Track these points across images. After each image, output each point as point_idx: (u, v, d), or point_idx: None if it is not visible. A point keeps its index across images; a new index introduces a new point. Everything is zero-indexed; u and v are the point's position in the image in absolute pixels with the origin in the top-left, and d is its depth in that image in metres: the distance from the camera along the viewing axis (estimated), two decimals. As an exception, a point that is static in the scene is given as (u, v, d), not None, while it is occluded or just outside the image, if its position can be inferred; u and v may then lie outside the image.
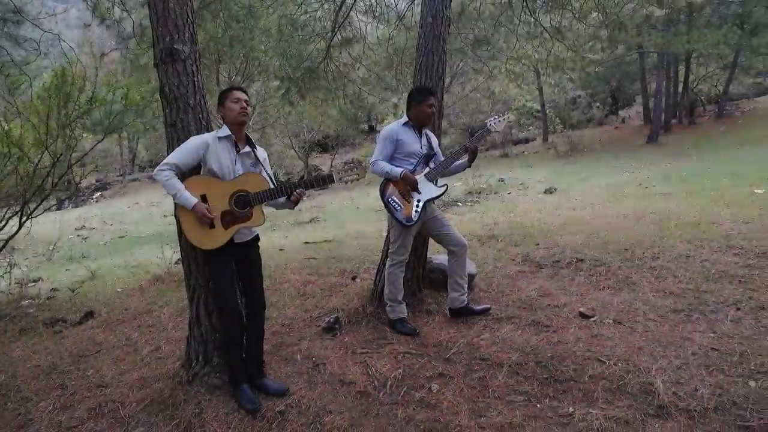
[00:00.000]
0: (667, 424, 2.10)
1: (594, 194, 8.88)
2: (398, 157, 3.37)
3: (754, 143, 12.63)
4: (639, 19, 6.72)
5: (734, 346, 2.67)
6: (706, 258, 4.15)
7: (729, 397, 2.23)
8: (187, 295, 2.89)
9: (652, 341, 2.83)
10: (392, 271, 3.41)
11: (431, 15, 3.80)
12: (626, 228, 5.58)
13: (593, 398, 2.34)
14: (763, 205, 5.87)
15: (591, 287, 3.90)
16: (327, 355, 3.05)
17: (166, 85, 2.71)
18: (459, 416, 2.30)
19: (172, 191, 2.46)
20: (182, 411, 2.53)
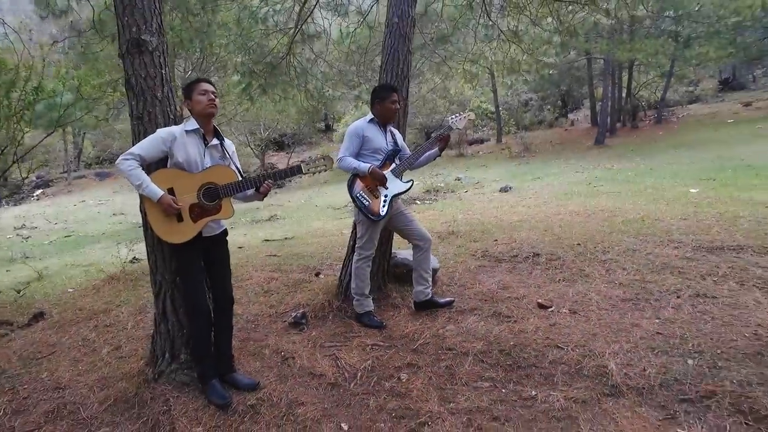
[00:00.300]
0: (619, 401, 2.27)
1: (547, 193, 9.26)
2: (365, 153, 3.43)
3: (688, 147, 13.54)
4: (588, 26, 7.07)
5: (675, 330, 2.90)
6: (650, 251, 4.45)
7: (671, 374, 2.43)
8: (152, 292, 2.83)
9: (604, 328, 3.03)
10: (359, 265, 3.47)
11: (397, 15, 3.87)
12: (578, 224, 5.88)
13: (553, 381, 2.49)
14: (697, 203, 6.34)
15: (547, 280, 4.10)
16: (295, 349, 3.07)
17: (133, 76, 2.64)
18: (429, 403, 2.39)
19: (136, 182, 2.40)
20: (149, 409, 2.48)
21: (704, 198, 6.57)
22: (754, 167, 8.91)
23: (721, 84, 27.94)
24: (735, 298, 3.30)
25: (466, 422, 2.21)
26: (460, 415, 2.27)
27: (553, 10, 6.21)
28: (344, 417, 2.34)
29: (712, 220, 5.24)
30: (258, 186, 2.62)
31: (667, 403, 2.23)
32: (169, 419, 2.40)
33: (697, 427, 2.05)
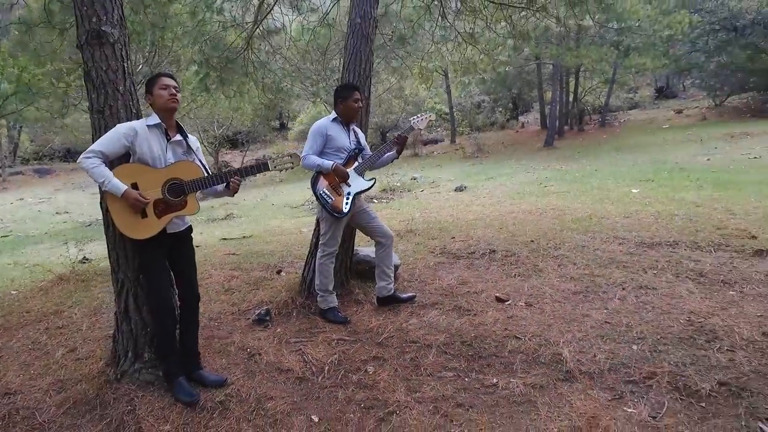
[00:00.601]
0: (573, 385, 2.44)
1: (500, 192, 9.59)
2: (328, 151, 3.48)
3: (629, 150, 14.38)
4: (539, 31, 7.39)
5: (621, 319, 3.13)
6: (597, 247, 4.74)
7: (619, 359, 2.64)
8: (113, 290, 2.76)
9: (558, 319, 3.23)
10: (323, 262, 3.51)
11: (359, 16, 3.93)
12: (531, 222, 6.15)
13: (513, 369, 2.64)
14: (638, 202, 6.79)
15: (504, 275, 4.29)
16: (261, 345, 3.07)
17: (93, 68, 2.57)
18: (396, 393, 2.47)
19: (99, 179, 2.35)
20: (112, 410, 2.43)
21: (644, 198, 7.04)
22: (686, 170, 9.60)
23: (657, 92, 29.77)
24: (671, 288, 3.59)
25: (432, 410, 2.31)
26: (426, 404, 2.37)
27: (507, 15, 6.47)
28: (314, 409, 2.38)
29: (651, 219, 5.64)
30: (227, 181, 2.61)
31: (615, 385, 2.42)
32: (134, 419, 2.36)
33: (641, 405, 2.24)
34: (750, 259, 4.05)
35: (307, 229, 7.35)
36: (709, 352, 2.64)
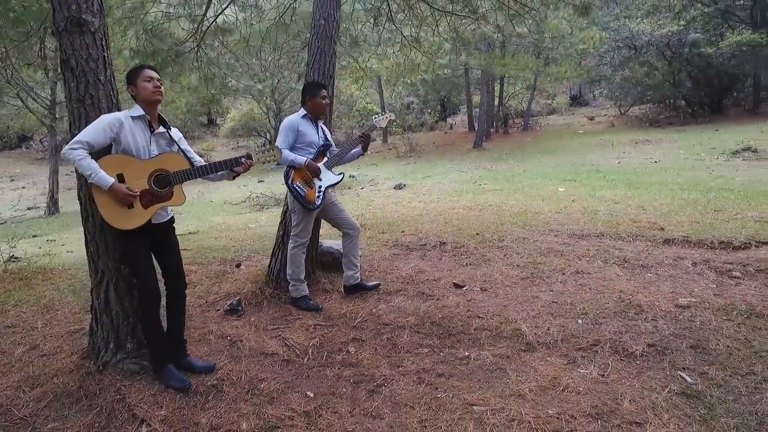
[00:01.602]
0: (534, 354, 2.80)
1: (438, 190, 10.07)
2: (299, 147, 3.61)
3: (551, 152, 15.58)
4: (478, 38, 7.93)
5: (566, 299, 3.57)
6: (536, 239, 5.25)
7: (568, 331, 3.04)
8: (91, 282, 2.72)
9: (512, 300, 3.61)
10: (295, 252, 3.64)
11: (323, 17, 4.08)
12: (473, 217, 6.61)
13: (481, 343, 2.96)
14: (565, 199, 7.50)
15: (456, 264, 4.64)
16: (240, 333, 3.16)
17: (72, 56, 2.53)
18: (380, 369, 2.69)
19: (87, 171, 2.33)
20: (100, 399, 2.43)
21: (570, 195, 7.78)
22: (602, 171, 10.66)
23: (571, 99, 32.31)
24: (602, 272, 4.12)
25: (416, 380, 2.56)
26: (410, 376, 2.61)
27: (450, 22, 6.90)
28: (307, 387, 2.54)
29: (578, 214, 6.29)
30: (210, 173, 2.67)
31: (568, 352, 2.81)
32: (126, 406, 2.38)
33: (591, 366, 2.63)
34: (660, 247, 4.71)
35: (255, 225, 7.33)
36: (637, 321, 3.12)
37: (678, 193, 7.16)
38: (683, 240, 4.79)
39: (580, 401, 2.29)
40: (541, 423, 2.13)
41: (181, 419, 2.29)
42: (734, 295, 3.47)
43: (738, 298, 3.39)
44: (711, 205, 6.10)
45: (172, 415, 2.32)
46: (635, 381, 2.46)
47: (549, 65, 19.40)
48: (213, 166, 2.66)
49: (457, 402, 2.33)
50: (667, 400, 2.27)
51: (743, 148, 11.04)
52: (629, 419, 2.14)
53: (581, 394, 2.36)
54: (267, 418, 2.27)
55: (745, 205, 6.04)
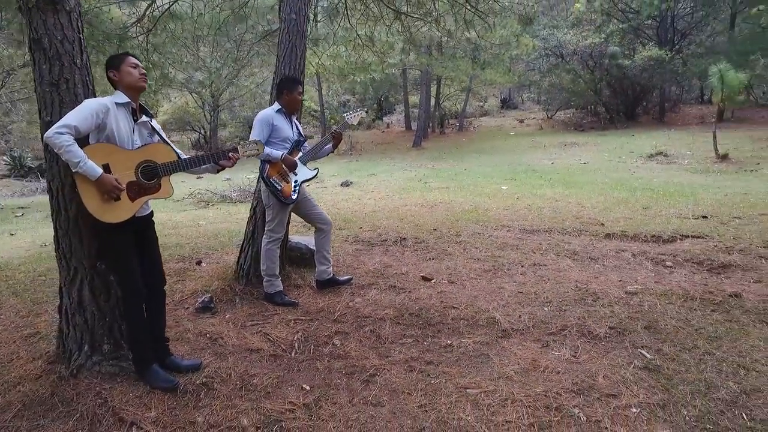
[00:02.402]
0: (510, 340, 2.98)
1: (385, 188, 10.21)
2: (274, 141, 3.57)
3: (488, 153, 16.29)
4: (427, 41, 8.15)
5: (529, 289, 3.81)
6: (490, 234, 5.52)
7: (538, 318, 3.27)
8: (62, 280, 2.54)
9: (480, 291, 3.80)
10: (270, 247, 3.60)
11: (294, 12, 4.05)
12: (426, 214, 6.81)
13: (460, 332, 3.10)
14: (510, 197, 7.92)
15: (419, 259, 4.79)
16: (219, 330, 3.08)
17: (45, 36, 2.35)
18: (369, 359, 2.75)
19: (74, 159, 2.18)
20: (79, 405, 2.29)
21: (513, 194, 8.22)
22: (537, 171, 11.33)
23: (502, 102, 33.88)
24: (557, 264, 4.43)
25: (407, 368, 2.65)
26: (400, 365, 2.69)
27: (404, 23, 7.05)
28: (300, 380, 2.54)
29: (525, 211, 6.69)
30: (199, 165, 2.60)
31: (541, 337, 3.03)
32: (110, 411, 2.26)
33: (563, 348, 2.86)
34: (603, 241, 5.14)
35: (204, 222, 7.06)
36: (596, 307, 3.42)
37: (609, 192, 7.81)
38: (621, 234, 5.26)
39: (561, 380, 2.49)
40: (532, 400, 2.30)
41: (173, 419, 2.22)
42: (671, 281, 3.89)
43: (674, 285, 3.80)
44: (639, 203, 6.73)
45: (164, 415, 2.24)
46: (604, 360, 2.71)
47: (484, 69, 20.27)
48: (201, 159, 2.58)
49: (451, 387, 2.45)
50: (634, 375, 2.53)
51: (657, 152, 12.21)
52: (606, 392, 2.36)
53: (561, 373, 2.56)
54: (267, 412, 2.25)
55: (666, 203, 6.72)
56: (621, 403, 2.27)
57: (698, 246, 4.71)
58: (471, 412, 2.23)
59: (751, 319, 3.16)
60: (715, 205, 6.44)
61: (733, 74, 10.60)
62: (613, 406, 2.25)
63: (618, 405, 2.26)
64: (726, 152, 10.81)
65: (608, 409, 2.23)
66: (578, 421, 2.15)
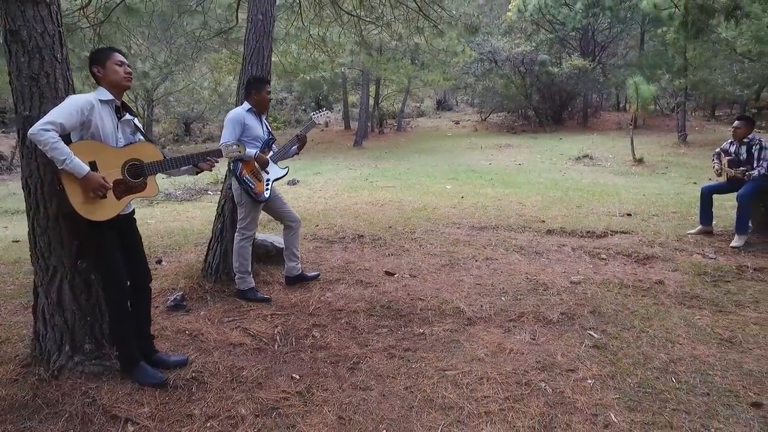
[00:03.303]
0: (476, 327, 3.26)
1: (333, 186, 10.30)
2: (245, 140, 3.62)
3: (428, 153, 16.80)
4: (377, 43, 8.38)
5: (486, 281, 4.14)
6: (443, 231, 5.84)
7: (497, 307, 3.58)
8: (38, 280, 2.47)
9: (442, 284, 4.06)
10: (243, 245, 3.64)
11: (261, 13, 4.10)
12: (378, 212, 7.02)
13: (430, 321, 3.34)
14: (455, 196, 8.32)
15: (379, 255, 4.99)
16: (197, 327, 3.10)
17: (24, 28, 2.29)
18: (350, 349, 2.92)
19: (61, 156, 2.16)
20: (66, 406, 2.26)
21: (458, 192, 8.64)
22: (477, 171, 11.92)
23: (437, 104, 34.90)
24: (507, 258, 4.81)
25: (388, 355, 2.84)
26: (380, 353, 2.88)
27: (357, 25, 7.22)
28: (288, 370, 2.66)
29: (471, 209, 7.09)
30: (185, 165, 2.63)
31: (502, 323, 3.33)
32: (99, 409, 2.26)
33: (524, 333, 3.17)
34: (545, 236, 5.62)
35: (153, 221, 6.82)
36: (547, 296, 3.79)
37: (545, 191, 8.44)
38: (561, 230, 5.77)
39: (526, 359, 2.79)
40: (504, 378, 2.57)
41: (169, 413, 2.26)
42: (607, 272, 4.37)
43: (610, 275, 4.29)
44: (573, 202, 7.36)
45: (158, 410, 2.28)
46: (560, 341, 3.05)
47: (425, 70, 20.84)
48: (186, 159, 2.62)
49: (431, 370, 2.67)
50: (586, 352, 2.89)
51: (583, 155, 13.26)
52: (565, 368, 2.69)
53: (525, 354, 2.87)
54: (262, 401, 2.35)
55: (596, 202, 7.41)
56: (578, 376, 2.60)
57: (626, 241, 5.29)
58: (452, 390, 2.47)
59: (672, 301, 3.67)
60: (636, 203, 7.19)
61: (646, 86, 11.77)
62: (572, 379, 2.57)
63: (576, 378, 2.59)
64: (641, 157, 11.99)
65: (569, 382, 2.55)
66: (546, 392, 2.45)
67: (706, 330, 3.18)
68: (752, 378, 2.59)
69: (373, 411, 2.29)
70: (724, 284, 4.05)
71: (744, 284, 4.06)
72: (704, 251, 4.90)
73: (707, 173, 10.39)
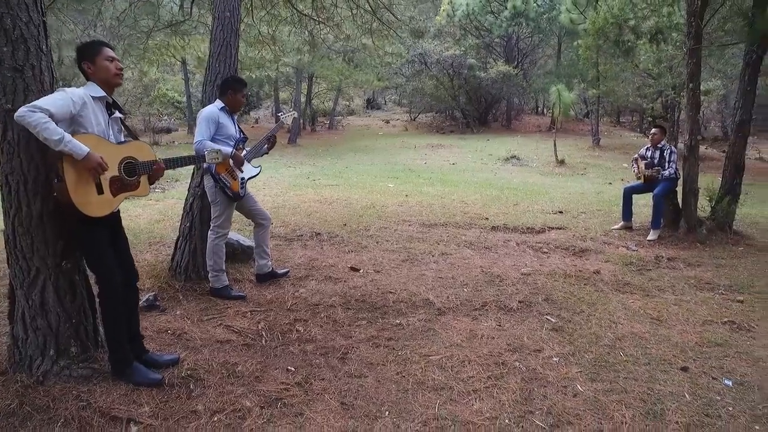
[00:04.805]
0: (446, 316, 3.51)
1: (276, 184, 10.18)
2: (218, 139, 3.62)
3: (363, 151, 17.02)
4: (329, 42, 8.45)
5: (447, 274, 4.42)
6: (395, 228, 6.07)
7: (462, 298, 3.86)
8: (16, 282, 2.36)
9: (406, 278, 4.29)
10: (217, 243, 3.63)
11: (228, 10, 4.07)
12: (328, 210, 7.11)
13: (404, 312, 3.54)
14: (400, 194, 8.61)
15: (340, 252, 5.12)
16: (179, 326, 3.07)
17: (8, 16, 2.18)
18: (336, 340, 3.05)
19: (54, 136, 2.05)
20: (60, 410, 2.20)
21: (401, 191, 8.93)
22: (414, 170, 12.33)
23: (366, 103, 35.27)
24: (460, 253, 5.15)
25: (373, 345, 3.01)
26: (366, 342, 3.04)
27: (306, 24, 7.26)
28: (282, 363, 2.74)
29: (417, 207, 7.40)
30: (173, 166, 2.62)
31: (469, 312, 3.62)
32: (96, 412, 2.22)
33: (490, 320, 3.48)
34: (491, 232, 6.05)
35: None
36: (504, 287, 4.15)
37: (482, 190, 8.98)
38: (504, 227, 6.23)
39: (498, 343, 3.09)
40: (483, 360, 2.84)
41: (172, 411, 2.27)
42: (551, 264, 4.84)
43: (554, 266, 4.75)
44: (509, 201, 7.93)
45: (160, 409, 2.28)
46: (523, 326, 3.39)
47: (356, 71, 21.04)
48: (179, 160, 2.62)
49: (416, 356, 2.88)
50: (547, 334, 3.24)
51: (511, 156, 14.16)
52: (532, 348, 3.02)
53: (495, 338, 3.16)
54: (264, 394, 2.43)
55: (529, 200, 8.04)
56: (545, 355, 2.94)
57: (562, 236, 5.85)
58: (440, 373, 2.69)
59: (610, 288, 4.18)
60: (565, 201, 7.91)
61: (567, 94, 12.84)
62: (540, 358, 2.90)
63: (543, 356, 2.92)
64: (563, 158, 13.06)
65: (538, 360, 2.87)
66: (521, 370, 2.75)
67: (639, 312, 3.67)
68: (679, 348, 3.08)
69: (372, 396, 2.46)
70: (647, 272, 4.66)
71: (662, 272, 4.70)
72: (627, 244, 5.56)
73: (620, 174, 11.57)
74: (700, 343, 3.14)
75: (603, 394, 2.53)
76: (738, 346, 3.11)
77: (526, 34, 23.19)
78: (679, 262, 4.99)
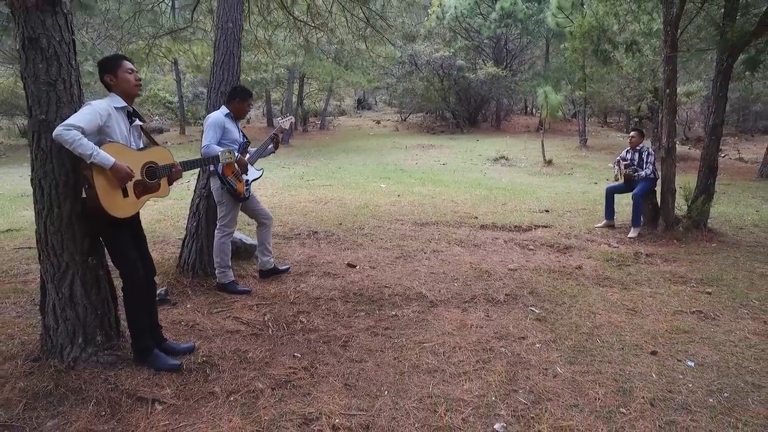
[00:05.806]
0: (438, 308, 3.79)
1: (271, 184, 10.40)
2: (224, 143, 3.85)
3: (355, 152, 17.26)
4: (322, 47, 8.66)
5: (438, 270, 4.70)
6: (389, 227, 6.34)
7: (453, 291, 4.14)
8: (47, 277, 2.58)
9: (401, 273, 4.55)
10: (223, 241, 3.86)
11: (231, 21, 4.31)
12: (323, 210, 7.36)
13: (399, 305, 3.81)
14: (392, 194, 8.87)
15: (337, 249, 5.37)
16: (190, 318, 3.31)
17: (44, 36, 2.41)
18: (337, 330, 3.30)
19: (87, 150, 2.31)
20: (92, 392, 2.43)
21: (393, 191, 9.20)
22: (406, 170, 12.61)
23: (357, 103, 35.50)
24: (451, 250, 5.43)
25: (371, 334, 3.27)
26: (365, 332, 3.30)
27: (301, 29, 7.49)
28: (289, 350, 2.99)
29: (409, 206, 7.67)
30: (188, 168, 2.86)
31: (459, 305, 3.89)
32: (123, 393, 2.45)
33: (479, 312, 3.76)
34: (481, 231, 6.34)
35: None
36: (491, 281, 4.43)
37: (472, 190, 9.28)
38: (492, 225, 6.52)
39: (486, 332, 3.36)
40: (473, 346, 3.12)
41: (192, 393, 2.51)
42: (537, 260, 5.14)
43: (539, 262, 5.05)
44: (498, 200, 8.23)
45: (181, 391, 2.52)
46: (509, 316, 3.67)
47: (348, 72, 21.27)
48: (195, 162, 2.86)
49: (411, 343, 3.14)
50: (531, 324, 3.53)
51: (500, 156, 14.49)
52: (517, 336, 3.30)
53: (484, 328, 3.44)
54: (274, 377, 2.68)
55: (517, 200, 8.34)
56: (529, 342, 3.22)
57: (547, 234, 6.15)
58: (433, 358, 2.96)
59: (590, 282, 4.48)
60: (551, 201, 8.23)
61: (554, 95, 13.19)
62: (524, 344, 3.18)
63: (528, 343, 3.20)
64: (550, 158, 13.41)
65: (522, 346, 3.15)
66: (506, 355, 3.03)
67: (616, 303, 3.97)
68: (650, 335, 3.37)
69: (372, 378, 2.72)
70: (626, 267, 4.97)
71: (640, 267, 5.01)
72: (609, 241, 5.88)
73: (605, 174, 11.94)
74: (669, 330, 3.45)
75: (580, 375, 2.81)
76: (703, 332, 3.41)
77: (515, 36, 23.58)
78: (656, 257, 5.31)
